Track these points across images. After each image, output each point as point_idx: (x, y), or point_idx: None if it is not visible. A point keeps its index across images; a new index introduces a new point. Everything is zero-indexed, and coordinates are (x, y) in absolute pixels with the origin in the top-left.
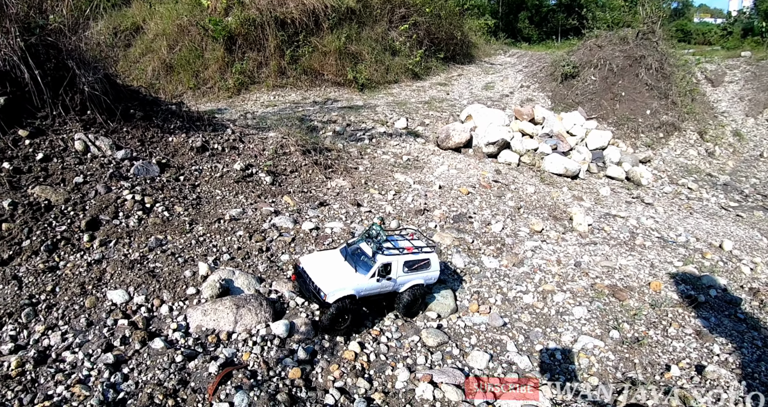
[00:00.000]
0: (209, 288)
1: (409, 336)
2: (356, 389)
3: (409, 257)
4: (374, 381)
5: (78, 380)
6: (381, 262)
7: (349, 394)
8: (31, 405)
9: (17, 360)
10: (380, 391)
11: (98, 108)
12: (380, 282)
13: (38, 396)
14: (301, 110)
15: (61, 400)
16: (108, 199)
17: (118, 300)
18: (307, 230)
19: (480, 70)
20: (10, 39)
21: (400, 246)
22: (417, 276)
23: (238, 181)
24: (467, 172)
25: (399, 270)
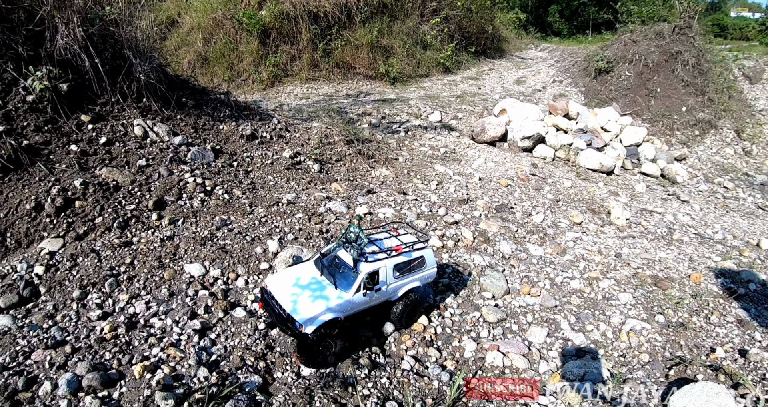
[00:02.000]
0: (282, 263)
1: (470, 313)
2: (427, 357)
3: (400, 259)
4: (443, 350)
5: (171, 343)
6: (366, 272)
7: (422, 362)
8: (130, 365)
9: (109, 325)
10: (451, 359)
11: (153, 96)
12: (368, 296)
13: (135, 357)
14: (335, 103)
15: (158, 361)
16: (171, 181)
17: (195, 273)
18: (361, 214)
19: (511, 64)
20: (71, 29)
21: (387, 247)
22: (411, 278)
23: (288, 168)
24: (504, 165)
25: (389, 276)
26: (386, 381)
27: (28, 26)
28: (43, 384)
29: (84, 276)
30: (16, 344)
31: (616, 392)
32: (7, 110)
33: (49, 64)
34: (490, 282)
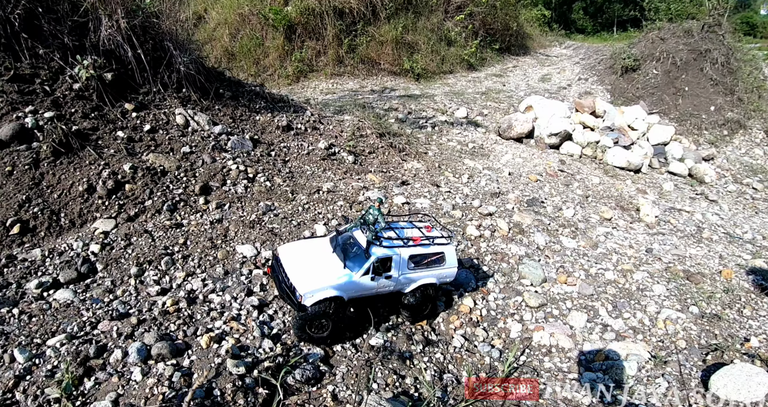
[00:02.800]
0: None
1: (512, 297)
2: (475, 337)
3: (417, 250)
4: (489, 331)
5: (232, 317)
6: (376, 256)
7: (470, 340)
8: (195, 336)
9: (171, 299)
10: (498, 338)
11: (192, 86)
12: (376, 281)
13: (200, 329)
14: (361, 98)
15: (222, 333)
16: (215, 168)
17: (248, 253)
18: (399, 203)
19: (535, 61)
20: (115, 20)
21: (406, 236)
22: (427, 273)
23: (324, 159)
24: (532, 161)
25: (402, 265)
26: (440, 357)
27: (73, 17)
28: (113, 352)
29: (140, 254)
30: (80, 315)
31: (656, 372)
32: (55, 97)
33: (93, 54)
34: (528, 270)
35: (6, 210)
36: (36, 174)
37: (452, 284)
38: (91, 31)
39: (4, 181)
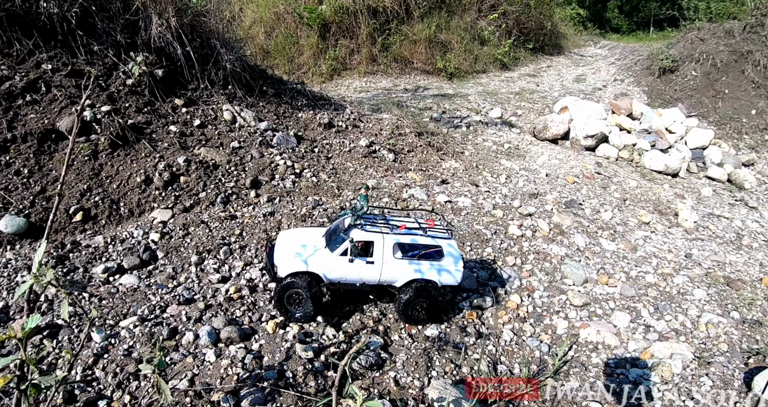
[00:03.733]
0: None
1: (556, 296)
2: (523, 332)
3: (403, 238)
4: (536, 327)
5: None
6: (355, 238)
7: (519, 335)
8: (260, 322)
9: (234, 287)
10: (545, 334)
11: (238, 83)
12: (356, 264)
13: (264, 316)
14: (394, 96)
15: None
16: (263, 163)
17: None
18: (442, 202)
19: (570, 61)
20: (165, 19)
21: (393, 224)
22: (420, 266)
23: (366, 156)
24: (568, 162)
25: (387, 252)
26: (492, 349)
27: (125, 16)
28: (185, 334)
29: (198, 243)
30: (148, 299)
31: (700, 372)
32: (110, 92)
33: (144, 51)
34: (570, 270)
35: (69, 198)
36: (95, 165)
37: (495, 284)
38: (141, 29)
39: (66, 170)
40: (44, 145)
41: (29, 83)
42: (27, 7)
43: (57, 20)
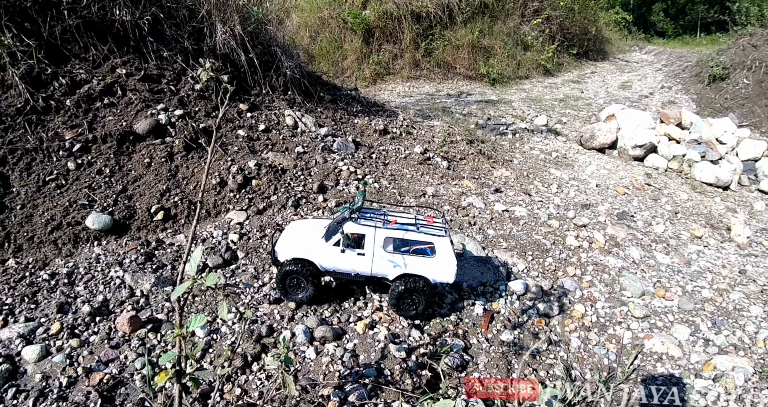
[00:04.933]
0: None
1: (617, 307)
2: (588, 340)
3: (394, 233)
4: (600, 336)
5: (376, 308)
6: (347, 230)
7: (585, 343)
8: (348, 322)
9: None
10: (609, 343)
11: (297, 89)
12: (347, 254)
13: (351, 317)
14: (438, 102)
15: (372, 321)
16: (327, 168)
17: None
18: (499, 211)
19: (614, 67)
20: (230, 27)
21: (386, 219)
22: (410, 261)
23: (421, 163)
24: (617, 173)
25: (377, 245)
26: (563, 355)
27: (192, 23)
28: (282, 332)
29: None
30: (238, 298)
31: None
32: (180, 96)
33: (210, 58)
34: (628, 282)
35: (149, 198)
36: (171, 166)
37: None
38: (206, 36)
39: (144, 172)
40: (123, 146)
41: (106, 87)
42: (102, 14)
43: (130, 27)
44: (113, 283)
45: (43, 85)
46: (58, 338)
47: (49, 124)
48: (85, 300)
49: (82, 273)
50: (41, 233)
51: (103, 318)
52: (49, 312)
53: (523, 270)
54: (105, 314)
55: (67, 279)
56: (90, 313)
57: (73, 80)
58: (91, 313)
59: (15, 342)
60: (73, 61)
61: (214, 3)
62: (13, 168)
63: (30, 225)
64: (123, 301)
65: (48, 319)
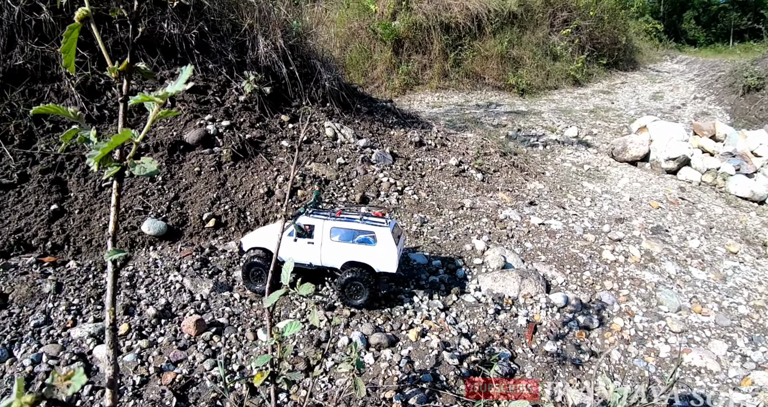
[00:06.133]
0: (495, 260)
1: (655, 321)
2: (628, 353)
3: (339, 223)
4: (640, 349)
5: (425, 317)
6: (298, 221)
7: (625, 356)
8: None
9: None
10: (648, 356)
11: (335, 101)
12: (297, 242)
13: (402, 325)
14: (468, 113)
15: (423, 330)
16: (368, 179)
17: (420, 261)
18: (536, 224)
19: (645, 77)
20: (272, 40)
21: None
22: (354, 249)
23: (456, 175)
24: (650, 186)
25: (325, 236)
26: (605, 366)
27: (235, 36)
28: (339, 338)
29: None
30: (294, 305)
31: None
32: (226, 107)
33: (253, 70)
34: (665, 297)
35: (200, 205)
36: (220, 175)
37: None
38: (249, 48)
39: (194, 180)
40: (173, 155)
41: None
42: (152, 27)
43: (177, 40)
44: (173, 287)
45: (97, 95)
46: (126, 338)
47: (103, 132)
48: (149, 302)
49: (143, 276)
50: (99, 237)
51: (167, 321)
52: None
53: (562, 283)
54: (169, 317)
55: (129, 282)
56: (155, 316)
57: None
58: (157, 316)
59: (86, 342)
60: None
61: (256, 17)
62: (71, 174)
63: (88, 229)
64: (185, 305)
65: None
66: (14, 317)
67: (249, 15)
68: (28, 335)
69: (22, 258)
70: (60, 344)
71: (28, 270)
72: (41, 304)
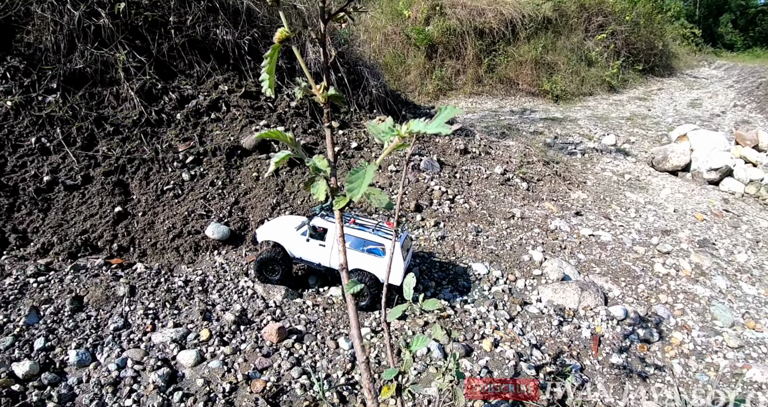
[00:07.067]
0: (555, 272)
1: (711, 336)
2: (689, 367)
3: (350, 231)
4: (699, 363)
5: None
6: (312, 223)
7: (686, 370)
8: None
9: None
10: (708, 370)
11: (382, 108)
12: (309, 243)
13: (474, 335)
14: (503, 119)
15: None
16: (420, 187)
17: (481, 271)
18: (586, 235)
19: (682, 83)
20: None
21: (347, 219)
22: (362, 258)
23: (502, 184)
24: (693, 197)
25: (336, 240)
26: (669, 379)
27: (284, 43)
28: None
29: None
30: (367, 314)
31: None
32: (278, 113)
33: (303, 76)
34: (718, 312)
35: (261, 210)
36: (278, 181)
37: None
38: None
39: (253, 185)
40: (231, 160)
41: (212, 102)
42: (205, 33)
43: (230, 46)
44: (245, 293)
45: (154, 99)
46: (209, 344)
47: (162, 136)
48: (224, 308)
49: (213, 281)
50: (163, 240)
51: (246, 327)
52: (194, 318)
53: (619, 295)
54: (247, 323)
55: (201, 287)
56: (234, 322)
57: (181, 95)
58: (235, 322)
59: (170, 347)
60: (179, 76)
61: (304, 23)
62: (132, 176)
63: (152, 232)
64: (260, 311)
65: (195, 325)
66: (92, 320)
67: (298, 22)
68: (108, 339)
69: (89, 259)
70: (143, 349)
71: (98, 271)
72: (117, 307)
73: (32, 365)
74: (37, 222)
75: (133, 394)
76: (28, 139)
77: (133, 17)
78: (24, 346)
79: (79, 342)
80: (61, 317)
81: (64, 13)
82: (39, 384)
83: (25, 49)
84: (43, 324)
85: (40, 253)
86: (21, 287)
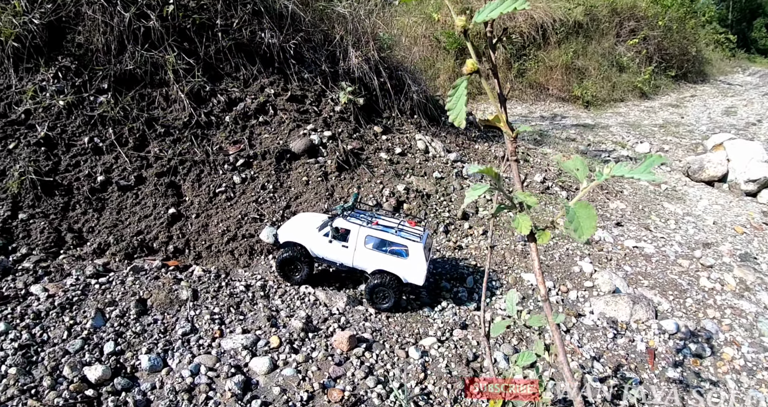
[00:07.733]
0: (606, 284)
1: (761, 353)
2: (741, 383)
3: (374, 232)
4: (751, 379)
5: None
6: (335, 224)
7: (739, 385)
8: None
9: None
10: (763, 386)
11: (422, 113)
12: (332, 243)
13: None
14: (534, 124)
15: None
16: (464, 195)
17: (532, 280)
18: (630, 246)
19: (716, 90)
20: (365, 51)
21: (371, 220)
22: (386, 259)
23: (542, 192)
24: (731, 209)
25: (359, 242)
26: (725, 395)
27: (327, 47)
28: (483, 358)
29: (443, 271)
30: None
31: None
32: (323, 117)
33: (346, 81)
34: (765, 328)
35: None
36: (328, 185)
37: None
38: (340, 59)
39: (303, 189)
40: (281, 164)
41: (259, 105)
42: (251, 37)
43: (275, 50)
44: (308, 299)
45: (203, 101)
46: (279, 351)
47: (212, 138)
48: (288, 314)
49: (274, 287)
50: (218, 243)
51: (314, 335)
52: (261, 325)
53: (668, 309)
54: (313, 330)
55: (263, 292)
56: (302, 329)
57: (229, 98)
58: (303, 329)
59: (241, 354)
60: (226, 79)
61: (348, 29)
62: (184, 178)
63: (207, 235)
64: (325, 318)
65: (263, 332)
66: (159, 324)
67: (340, 26)
68: (178, 344)
69: (146, 260)
70: (214, 355)
71: (158, 274)
72: (182, 311)
73: (104, 370)
74: (92, 222)
75: (210, 401)
76: (81, 138)
77: (181, 20)
78: (94, 350)
79: (149, 347)
80: (127, 320)
81: (114, 15)
82: (112, 390)
83: (76, 50)
84: (110, 327)
85: (96, 253)
86: (83, 288)
